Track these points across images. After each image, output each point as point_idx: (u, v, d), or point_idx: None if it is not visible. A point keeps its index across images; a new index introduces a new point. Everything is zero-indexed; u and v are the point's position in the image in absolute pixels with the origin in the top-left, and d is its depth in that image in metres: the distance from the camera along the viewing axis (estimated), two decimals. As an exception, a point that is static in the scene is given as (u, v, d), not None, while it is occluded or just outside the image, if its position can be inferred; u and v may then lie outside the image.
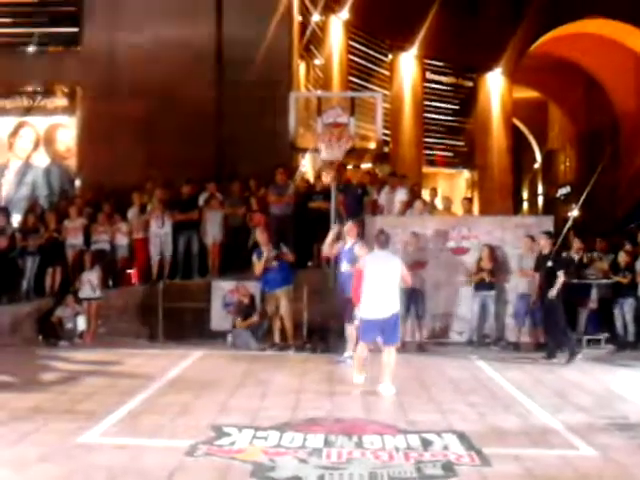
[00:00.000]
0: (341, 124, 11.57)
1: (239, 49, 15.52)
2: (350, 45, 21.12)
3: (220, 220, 13.52)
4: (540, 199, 40.39)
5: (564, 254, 12.00)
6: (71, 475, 5.35)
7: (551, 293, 10.56)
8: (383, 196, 13.60)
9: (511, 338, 11.86)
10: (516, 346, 11.66)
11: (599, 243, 13.50)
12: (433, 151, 25.02)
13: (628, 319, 11.82)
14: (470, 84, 25.77)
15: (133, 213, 13.72)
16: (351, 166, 15.82)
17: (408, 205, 13.32)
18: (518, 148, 32.17)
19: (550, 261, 10.79)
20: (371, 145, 17.01)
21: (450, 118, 25.40)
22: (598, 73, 29.84)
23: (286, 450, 5.90)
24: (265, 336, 11.60)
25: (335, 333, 10.92)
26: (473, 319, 11.78)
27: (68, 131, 16.57)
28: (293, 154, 15.23)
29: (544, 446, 6.21)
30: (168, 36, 15.41)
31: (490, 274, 11.67)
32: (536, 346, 11.47)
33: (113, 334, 12.33)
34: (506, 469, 5.54)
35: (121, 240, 13.52)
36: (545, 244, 11.02)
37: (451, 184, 26.44)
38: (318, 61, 19.76)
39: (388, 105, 21.61)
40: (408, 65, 23.60)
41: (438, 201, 14.41)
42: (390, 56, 23.05)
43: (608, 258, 12.73)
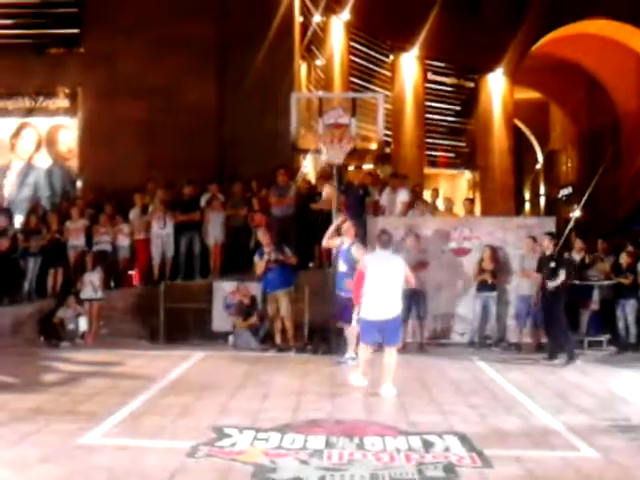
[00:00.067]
0: (342, 125, 11.52)
1: (240, 50, 15.56)
2: (351, 46, 21.08)
3: (222, 221, 13.54)
4: (542, 200, 40.34)
5: (566, 255, 11.99)
6: (72, 476, 5.35)
7: (553, 284, 10.54)
8: (385, 197, 13.59)
9: (512, 339, 11.87)
10: (517, 347, 11.67)
11: (601, 244, 13.46)
12: (434, 152, 24.99)
13: (630, 320, 11.80)
14: (471, 85, 25.73)
15: (135, 214, 13.72)
16: (352, 167, 15.83)
17: (410, 206, 13.32)
18: (519, 149, 32.08)
19: (553, 262, 10.79)
20: (372, 146, 17.01)
21: (451, 119, 25.35)
22: (599, 74, 29.79)
23: (287, 451, 5.90)
24: (266, 337, 11.61)
25: (336, 334, 10.91)
26: (474, 320, 11.78)
27: (70, 132, 16.57)
28: (294, 155, 15.21)
29: (545, 447, 6.21)
30: (169, 37, 15.42)
31: (492, 275, 11.67)
32: (537, 347, 11.47)
33: (115, 335, 12.33)
34: (507, 470, 5.54)
35: (123, 241, 13.53)
36: (548, 245, 11.02)
37: (452, 185, 26.42)
38: (319, 62, 19.74)
39: (389, 106, 21.59)
40: (409, 66, 23.56)
41: (440, 202, 14.41)
42: (391, 57, 23.00)
43: (610, 259, 12.69)
